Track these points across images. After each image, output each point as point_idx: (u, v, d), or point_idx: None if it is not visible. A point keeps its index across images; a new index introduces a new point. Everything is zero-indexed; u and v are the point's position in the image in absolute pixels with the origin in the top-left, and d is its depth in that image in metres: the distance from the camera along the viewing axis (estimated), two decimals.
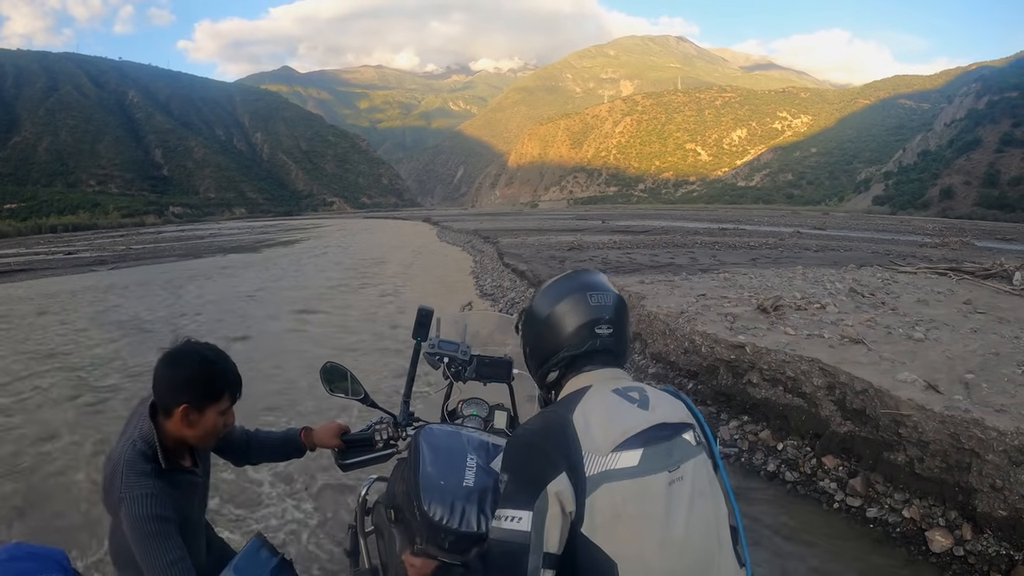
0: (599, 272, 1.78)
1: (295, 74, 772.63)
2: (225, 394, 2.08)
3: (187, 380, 1.99)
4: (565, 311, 1.65)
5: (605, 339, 1.64)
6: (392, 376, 8.94)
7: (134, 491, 1.89)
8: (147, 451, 1.98)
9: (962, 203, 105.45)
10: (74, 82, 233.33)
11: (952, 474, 4.41)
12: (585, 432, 1.43)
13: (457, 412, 2.59)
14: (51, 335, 12.84)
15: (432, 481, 1.88)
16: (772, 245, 22.71)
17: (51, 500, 5.51)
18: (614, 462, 1.40)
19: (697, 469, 1.47)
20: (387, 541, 2.15)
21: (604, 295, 1.67)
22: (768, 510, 5.00)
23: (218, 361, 2.07)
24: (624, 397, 1.51)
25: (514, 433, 1.63)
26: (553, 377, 1.70)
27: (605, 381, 1.59)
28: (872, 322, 7.21)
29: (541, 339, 1.70)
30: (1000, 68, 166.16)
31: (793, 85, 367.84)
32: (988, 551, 4.10)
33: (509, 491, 1.46)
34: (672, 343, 7.63)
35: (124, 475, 1.93)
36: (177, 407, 1.97)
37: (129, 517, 1.87)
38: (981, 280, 10.89)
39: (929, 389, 4.92)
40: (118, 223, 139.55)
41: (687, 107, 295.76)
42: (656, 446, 1.43)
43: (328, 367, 2.57)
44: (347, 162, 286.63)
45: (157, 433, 2.01)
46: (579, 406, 1.49)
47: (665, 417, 1.48)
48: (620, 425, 1.44)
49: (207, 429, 2.06)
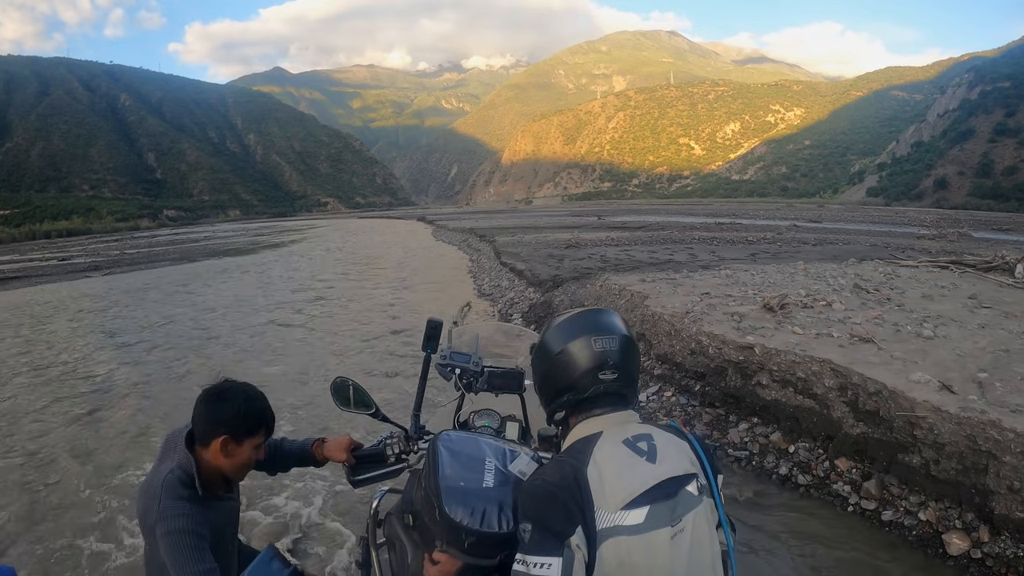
0: (610, 311, 1.82)
1: (287, 75, 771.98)
2: (262, 429, 2.24)
3: (231, 416, 2.14)
4: (570, 354, 1.68)
5: (609, 384, 1.67)
6: (385, 379, 8.89)
7: (171, 511, 2.02)
8: (184, 479, 2.11)
9: (956, 193, 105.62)
10: (65, 87, 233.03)
11: (968, 476, 4.37)
12: (598, 488, 1.51)
13: (469, 423, 2.58)
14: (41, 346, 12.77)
15: (452, 483, 1.88)
16: (770, 240, 22.69)
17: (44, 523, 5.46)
18: (622, 519, 1.48)
19: (697, 520, 1.55)
20: (399, 553, 2.15)
21: (610, 339, 1.68)
22: (782, 514, 4.95)
23: (258, 399, 2.24)
24: (633, 449, 1.58)
25: (531, 481, 1.67)
26: (560, 416, 1.77)
27: (615, 427, 1.65)
28: (880, 319, 7.17)
29: (548, 378, 1.75)
30: (992, 58, 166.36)
31: (786, 78, 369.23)
32: (1006, 553, 4.06)
33: (536, 539, 1.51)
34: (678, 344, 7.57)
35: (162, 499, 2.05)
36: (217, 438, 2.13)
37: (164, 532, 1.99)
38: (983, 273, 10.88)
39: (943, 389, 4.88)
40: (112, 227, 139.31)
41: (680, 101, 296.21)
42: (661, 504, 1.51)
43: (338, 382, 2.55)
44: (341, 162, 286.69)
45: (195, 462, 2.15)
46: (592, 459, 1.56)
47: (672, 471, 1.55)
48: (629, 484, 1.51)
49: (243, 460, 2.22)
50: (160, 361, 11.08)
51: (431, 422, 2.64)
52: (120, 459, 6.66)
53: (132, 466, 6.41)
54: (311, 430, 6.98)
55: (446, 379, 2.62)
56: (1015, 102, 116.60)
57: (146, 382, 9.75)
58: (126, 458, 6.66)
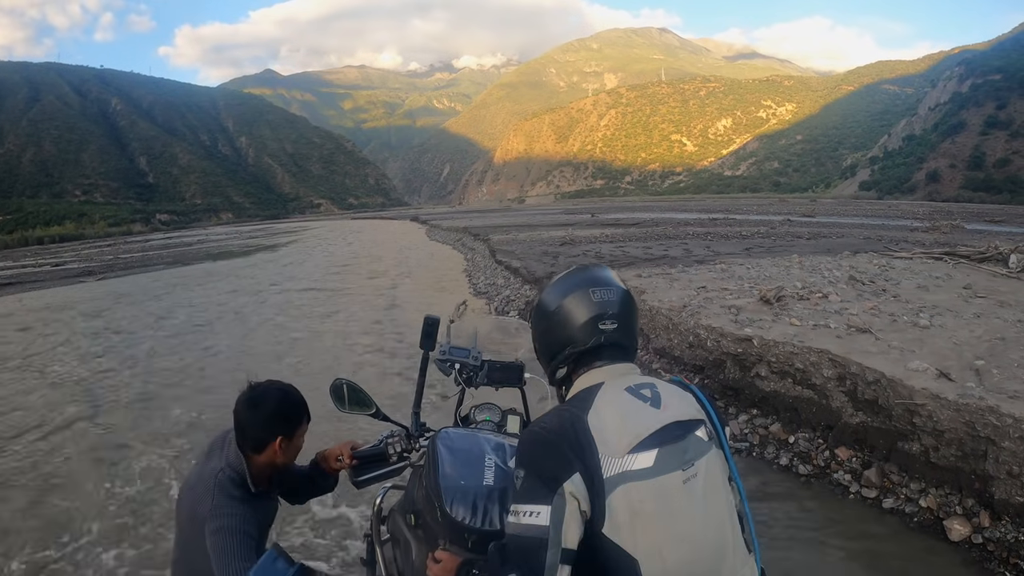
0: (606, 267, 1.80)
1: (278, 77, 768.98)
2: (305, 417, 2.35)
3: (275, 414, 2.25)
4: (569, 307, 1.67)
5: (610, 334, 1.65)
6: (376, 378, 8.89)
7: (224, 509, 2.12)
8: (236, 479, 2.21)
9: (948, 186, 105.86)
10: (56, 92, 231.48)
11: (968, 462, 4.40)
12: (600, 434, 1.45)
13: (470, 418, 2.59)
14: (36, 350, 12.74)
15: (453, 482, 1.89)
16: (764, 234, 22.72)
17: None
18: (630, 464, 1.42)
19: (710, 465, 1.50)
20: (403, 549, 2.15)
21: (608, 290, 1.68)
22: (783, 504, 4.98)
23: (292, 391, 2.34)
24: (637, 396, 1.53)
25: (528, 428, 1.62)
26: (563, 373, 1.73)
27: (617, 378, 1.61)
28: (876, 310, 7.21)
29: (548, 334, 1.73)
30: (983, 51, 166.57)
31: (777, 73, 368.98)
32: (1007, 538, 4.10)
33: (526, 486, 1.47)
34: (676, 337, 7.60)
35: (215, 496, 2.14)
36: (274, 440, 2.24)
37: (215, 529, 2.08)
38: (977, 264, 10.93)
39: (941, 377, 4.91)
40: (105, 232, 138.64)
41: (671, 98, 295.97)
42: (670, 446, 1.46)
43: (337, 384, 2.56)
44: (333, 163, 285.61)
45: (247, 463, 2.24)
46: (593, 406, 1.51)
47: (677, 415, 1.51)
48: (634, 427, 1.45)
49: (297, 450, 2.37)
50: (160, 362, 11.07)
51: (432, 419, 2.66)
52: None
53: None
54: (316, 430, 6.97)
55: (446, 374, 2.64)
56: (1006, 95, 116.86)
57: (146, 383, 9.74)
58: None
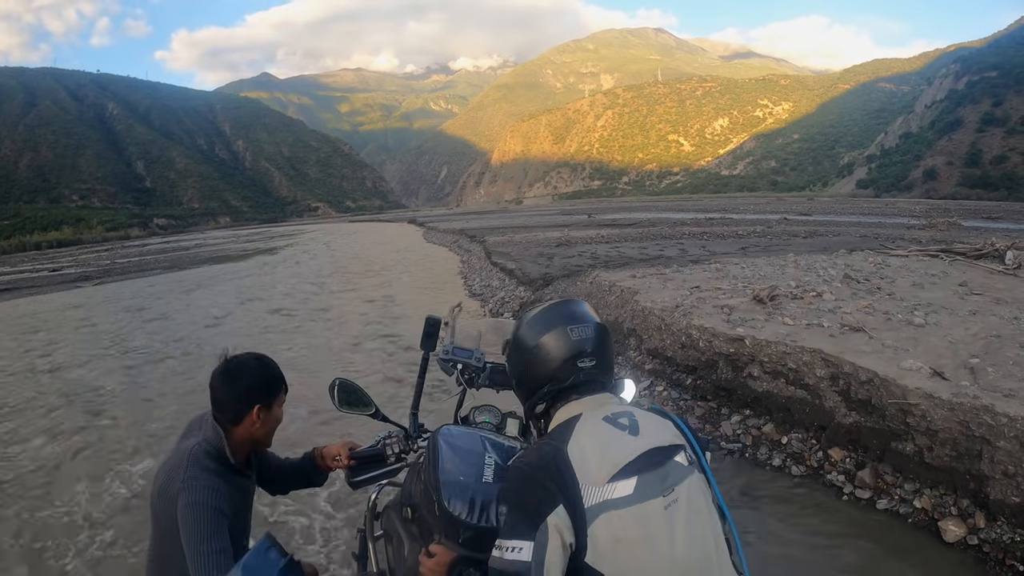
0: (581, 301, 1.83)
1: (274, 80, 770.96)
2: (282, 388, 2.35)
3: (253, 384, 2.24)
4: (547, 346, 1.69)
5: (588, 372, 1.68)
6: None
7: (196, 482, 2.07)
8: (212, 452, 2.18)
9: (945, 184, 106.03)
10: (53, 97, 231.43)
11: (963, 462, 4.34)
12: (581, 464, 1.48)
13: (470, 419, 2.58)
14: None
15: (452, 477, 1.89)
16: (760, 233, 22.67)
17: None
18: (611, 492, 1.44)
19: (691, 489, 1.52)
20: (396, 545, 2.15)
21: (585, 327, 1.70)
22: (777, 506, 4.93)
23: (268, 361, 2.34)
24: (614, 425, 1.56)
25: (510, 465, 1.66)
26: (541, 409, 1.76)
27: (594, 408, 1.63)
28: (870, 308, 7.14)
29: (526, 373, 1.76)
30: (979, 48, 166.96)
31: (773, 72, 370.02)
32: (1003, 538, 4.04)
33: (509, 523, 1.49)
34: (668, 338, 7.53)
35: (188, 469, 2.11)
36: (251, 410, 2.22)
37: (187, 503, 2.04)
38: (973, 261, 10.86)
39: (935, 376, 4.85)
40: (102, 237, 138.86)
41: (668, 98, 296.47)
42: (650, 473, 1.48)
43: (337, 383, 2.56)
44: (330, 166, 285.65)
45: (225, 437, 2.22)
46: (572, 437, 1.54)
47: (656, 442, 1.53)
48: (613, 456, 1.48)
49: (276, 422, 2.35)
50: (154, 364, 11.01)
51: (430, 420, 2.66)
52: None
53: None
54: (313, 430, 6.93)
55: (448, 374, 2.64)
56: (1002, 91, 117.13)
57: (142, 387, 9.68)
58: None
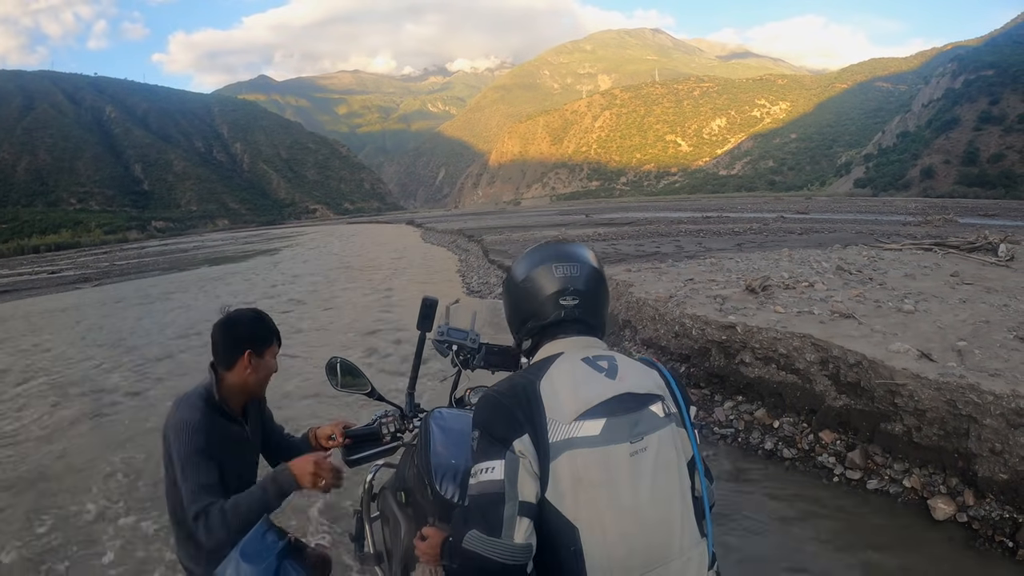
0: (581, 244, 1.80)
1: (272, 82, 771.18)
2: (275, 339, 2.46)
3: (247, 333, 2.37)
4: (534, 280, 1.68)
5: (570, 310, 1.66)
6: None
7: (184, 417, 2.20)
8: (203, 393, 2.30)
9: (943, 182, 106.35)
10: (50, 100, 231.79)
11: (951, 441, 4.39)
12: (551, 399, 1.46)
13: (464, 400, 2.62)
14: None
15: (443, 460, 1.91)
16: (757, 230, 22.76)
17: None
18: (576, 430, 1.42)
19: (662, 441, 1.49)
20: (392, 527, 2.19)
21: (572, 266, 1.68)
22: (768, 488, 4.96)
23: (265, 316, 2.48)
24: (592, 366, 1.54)
25: (483, 393, 1.65)
26: (528, 345, 1.74)
27: (578, 349, 1.61)
28: (861, 297, 7.19)
29: (514, 306, 1.75)
30: (976, 47, 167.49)
31: (770, 72, 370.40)
32: (992, 515, 4.08)
33: (481, 447, 1.50)
34: (662, 327, 7.58)
35: (178, 410, 2.24)
36: (242, 355, 2.33)
37: (174, 441, 2.18)
38: (966, 253, 10.91)
39: (923, 358, 4.89)
40: (101, 240, 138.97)
41: (665, 99, 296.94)
42: (620, 417, 1.45)
43: (333, 362, 2.58)
44: (328, 168, 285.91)
45: (217, 383, 2.33)
46: (547, 373, 1.52)
47: (632, 387, 1.50)
48: (585, 394, 1.46)
49: (268, 371, 2.44)
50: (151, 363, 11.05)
51: (425, 400, 2.66)
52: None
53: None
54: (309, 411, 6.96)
55: (443, 355, 2.63)
56: (999, 90, 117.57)
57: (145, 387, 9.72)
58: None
